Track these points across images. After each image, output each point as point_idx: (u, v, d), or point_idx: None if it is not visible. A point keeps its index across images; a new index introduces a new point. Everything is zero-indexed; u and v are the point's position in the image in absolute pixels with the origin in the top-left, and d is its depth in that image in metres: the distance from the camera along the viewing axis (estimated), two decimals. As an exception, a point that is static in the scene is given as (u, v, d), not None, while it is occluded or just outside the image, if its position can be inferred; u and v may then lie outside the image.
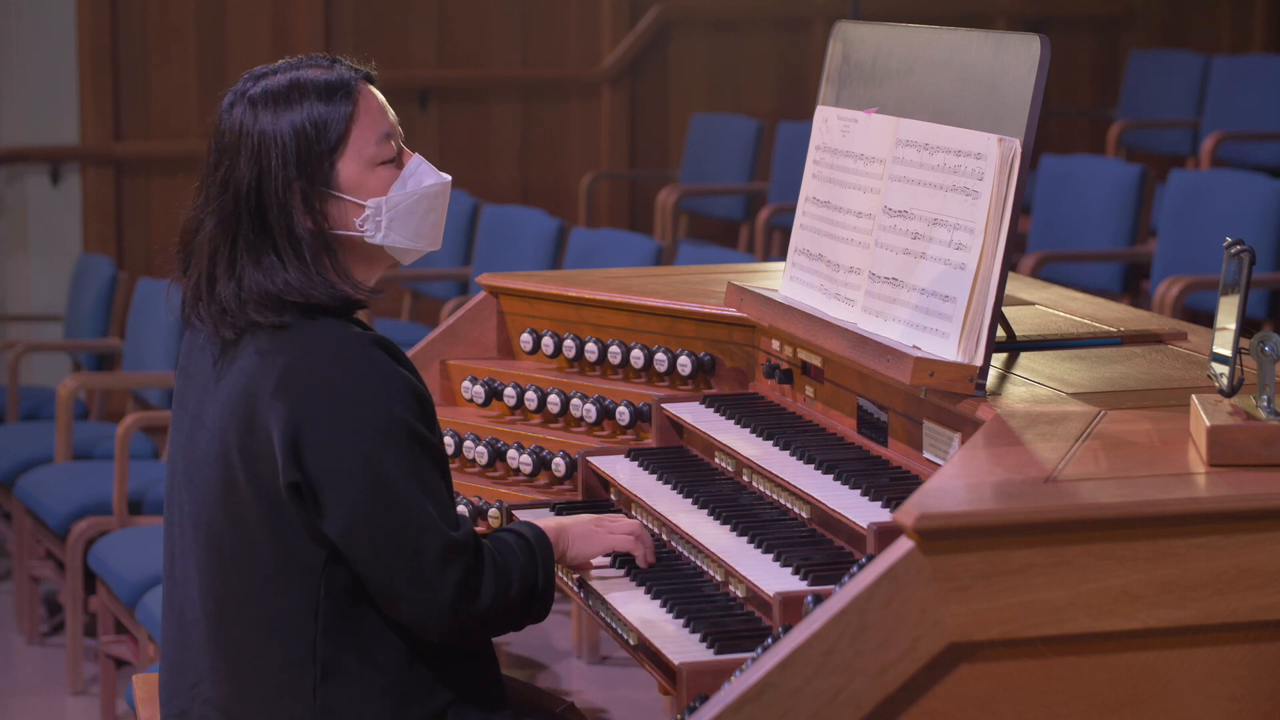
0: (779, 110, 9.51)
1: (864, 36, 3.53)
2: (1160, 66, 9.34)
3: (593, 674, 5.85)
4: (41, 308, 8.57)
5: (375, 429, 2.87)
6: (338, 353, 2.91)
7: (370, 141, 3.01)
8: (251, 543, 2.94)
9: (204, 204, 3.01)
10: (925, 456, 3.15)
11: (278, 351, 2.92)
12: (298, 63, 3.05)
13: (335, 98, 3.00)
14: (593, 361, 3.96)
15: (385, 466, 2.87)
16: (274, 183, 2.95)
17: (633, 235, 6.71)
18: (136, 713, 3.47)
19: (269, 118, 2.97)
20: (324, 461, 2.86)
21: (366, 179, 3.01)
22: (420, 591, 2.89)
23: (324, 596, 2.92)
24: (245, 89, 3.02)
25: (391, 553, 2.88)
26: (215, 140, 3.01)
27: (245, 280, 2.95)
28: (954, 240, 3.11)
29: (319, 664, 2.93)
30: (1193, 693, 2.57)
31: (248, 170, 2.96)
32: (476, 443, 3.89)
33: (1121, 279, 7.11)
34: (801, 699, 2.47)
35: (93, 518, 5.80)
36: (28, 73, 8.60)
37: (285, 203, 2.95)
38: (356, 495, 2.86)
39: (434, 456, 2.93)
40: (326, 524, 2.89)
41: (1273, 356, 2.71)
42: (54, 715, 5.81)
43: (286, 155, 2.95)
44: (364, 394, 2.88)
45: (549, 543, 3.07)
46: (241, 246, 2.96)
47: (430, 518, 2.88)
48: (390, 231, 3.02)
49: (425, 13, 9.16)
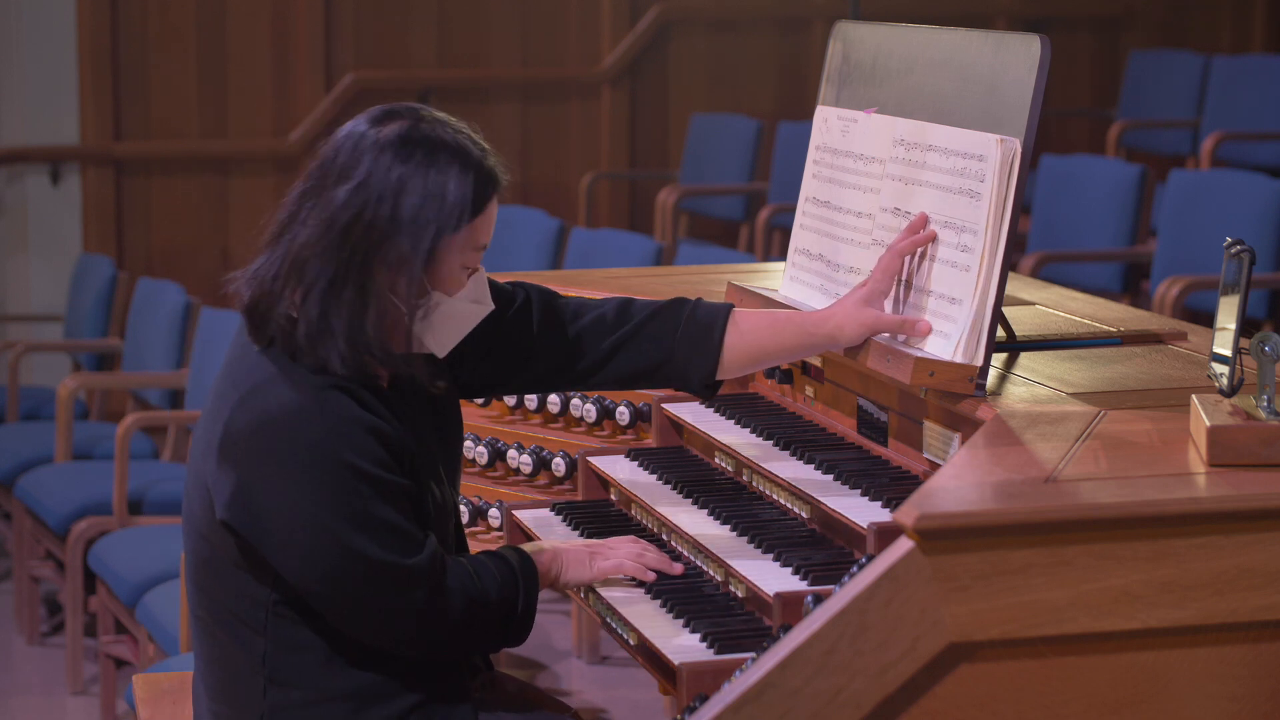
0: (779, 110, 9.51)
1: (864, 36, 3.53)
2: (1160, 66, 9.34)
3: (593, 674, 5.85)
4: (41, 308, 8.57)
5: (321, 473, 2.82)
6: (288, 391, 2.85)
7: (473, 246, 2.93)
8: (212, 545, 2.94)
9: (296, 213, 2.89)
10: (925, 456, 3.15)
11: (237, 388, 2.88)
12: (459, 126, 2.95)
13: (487, 184, 2.93)
14: (593, 361, 3.96)
15: (332, 511, 2.81)
16: (389, 228, 2.84)
17: (633, 235, 6.71)
18: (136, 713, 3.47)
19: (420, 164, 2.87)
20: (270, 508, 2.83)
21: (448, 277, 2.92)
22: (382, 622, 2.89)
23: (275, 602, 2.92)
24: (404, 129, 2.89)
25: (347, 592, 2.86)
26: (341, 158, 2.88)
27: (311, 306, 2.86)
28: (959, 242, 3.11)
29: (267, 667, 2.93)
30: (1193, 693, 2.57)
31: (371, 199, 2.84)
32: (476, 443, 3.89)
33: (1121, 279, 7.11)
34: (801, 699, 2.47)
35: (93, 518, 5.80)
36: (28, 73, 8.60)
37: (372, 255, 2.85)
38: (304, 542, 2.83)
39: (388, 489, 2.86)
40: (276, 565, 2.87)
41: (1273, 356, 2.71)
42: (54, 715, 5.81)
43: (415, 207, 2.85)
44: (303, 443, 2.82)
45: (534, 569, 3.04)
46: (328, 279, 2.85)
47: (383, 552, 2.83)
48: (428, 326, 2.93)
49: (425, 13, 9.16)
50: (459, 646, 2.98)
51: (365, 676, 2.94)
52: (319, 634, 2.93)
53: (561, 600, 6.37)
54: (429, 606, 2.89)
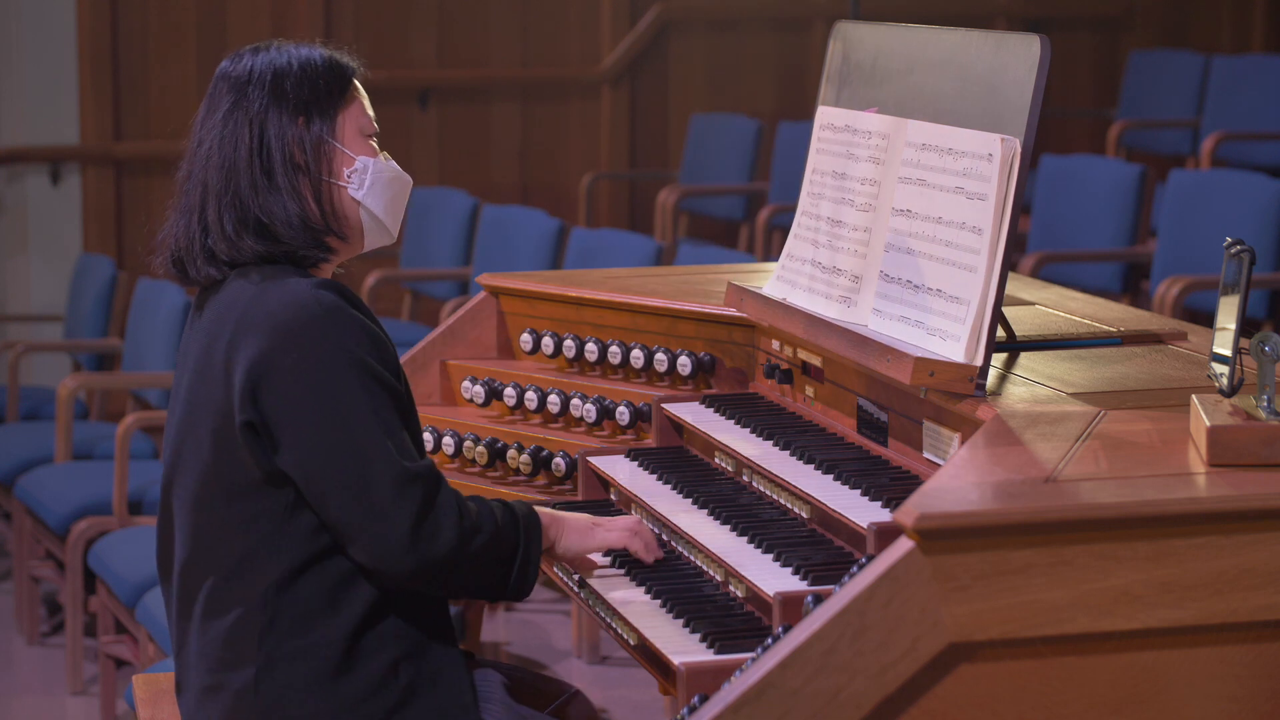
0: (779, 110, 9.51)
1: (864, 36, 3.53)
2: (1160, 66, 9.34)
3: (593, 674, 5.85)
4: (41, 308, 8.57)
5: (330, 363, 2.93)
6: (293, 296, 2.97)
7: (364, 113, 3.14)
8: (212, 497, 3.00)
9: (196, 147, 3.11)
10: (925, 456, 3.15)
11: (235, 302, 3.01)
12: (299, 44, 3.17)
13: (342, 63, 3.15)
14: (593, 361, 3.96)
15: (339, 399, 2.92)
16: (282, 113, 3.06)
17: (633, 235, 6.71)
18: (136, 713, 3.47)
19: (283, 58, 3.10)
20: (279, 397, 2.93)
21: (357, 143, 3.12)
22: (375, 522, 2.91)
23: (283, 548, 2.97)
24: (255, 49, 3.14)
25: (346, 483, 2.91)
26: (214, 87, 3.12)
27: (247, 209, 3.05)
28: (962, 242, 3.11)
29: (267, 615, 2.98)
30: (1192, 693, 2.57)
31: (257, 100, 3.07)
32: (476, 443, 3.89)
33: (1121, 279, 7.11)
34: (801, 699, 2.47)
35: (93, 518, 5.80)
36: (28, 73, 8.60)
37: (286, 137, 3.05)
38: (311, 428, 2.92)
39: (391, 393, 2.97)
40: (283, 460, 2.94)
41: (1273, 356, 2.71)
42: (54, 715, 5.81)
43: (299, 86, 3.07)
44: (317, 331, 2.94)
45: (538, 520, 3.08)
46: (243, 177, 3.05)
47: (384, 449, 2.91)
48: (370, 192, 3.11)
49: (425, 13, 9.16)
50: (451, 577, 2.98)
51: (360, 626, 2.98)
52: (320, 579, 2.97)
53: (561, 600, 6.37)
54: (422, 519, 2.92)
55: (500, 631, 6.20)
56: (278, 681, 2.98)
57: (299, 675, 2.97)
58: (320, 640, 2.98)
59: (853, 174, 3.43)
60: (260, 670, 2.98)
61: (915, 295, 3.18)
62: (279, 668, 2.98)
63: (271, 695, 2.98)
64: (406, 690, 2.99)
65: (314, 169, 3.07)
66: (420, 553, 2.93)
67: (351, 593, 2.98)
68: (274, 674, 2.98)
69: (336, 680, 2.97)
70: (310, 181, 3.07)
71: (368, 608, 2.98)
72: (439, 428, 3.96)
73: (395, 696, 2.99)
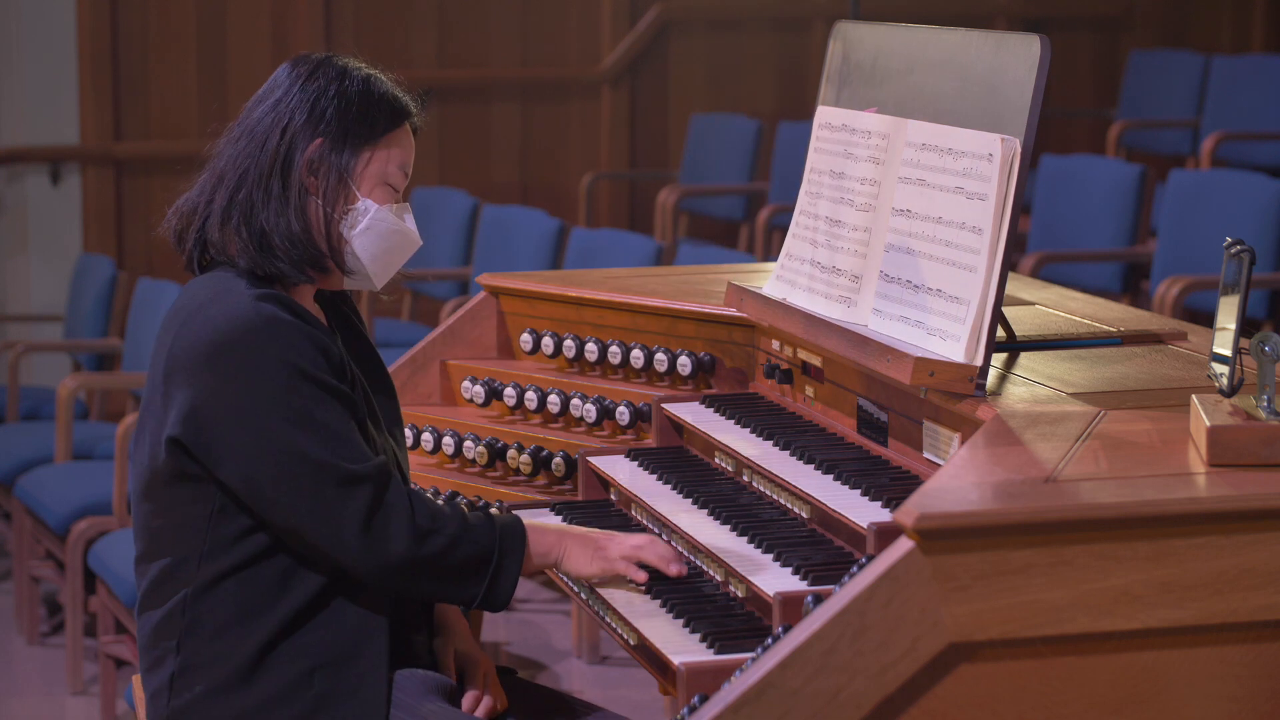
0: (779, 110, 9.51)
1: (864, 36, 3.53)
2: (1160, 66, 9.34)
3: (593, 674, 5.85)
4: (41, 308, 8.57)
5: (266, 372, 2.91)
6: (233, 308, 2.95)
7: (395, 162, 3.08)
8: (152, 497, 3.02)
9: (240, 123, 3.07)
10: (925, 456, 3.15)
11: (184, 307, 3.01)
12: (379, 71, 3.13)
13: (397, 107, 3.09)
14: (593, 361, 3.96)
15: (274, 407, 2.90)
16: (314, 130, 3.02)
17: (633, 235, 6.71)
18: (136, 713, 3.47)
19: (333, 81, 3.05)
20: (213, 412, 2.92)
21: (374, 187, 3.07)
22: (324, 526, 2.91)
23: (206, 553, 2.97)
24: (329, 60, 3.09)
25: (292, 489, 2.91)
26: (287, 71, 3.08)
27: (254, 212, 3.02)
28: (962, 242, 3.11)
29: (186, 619, 2.99)
30: (1192, 693, 2.57)
31: (288, 110, 3.03)
32: (476, 443, 3.89)
33: (1121, 279, 7.11)
34: (801, 699, 2.47)
35: (93, 518, 5.80)
36: (28, 73, 8.60)
37: (311, 152, 3.02)
38: (249, 438, 2.91)
39: (336, 395, 2.95)
40: (224, 472, 2.93)
41: (1273, 356, 2.71)
42: (54, 715, 5.81)
43: (330, 112, 3.03)
44: (254, 342, 2.92)
45: (522, 536, 3.05)
46: (259, 181, 3.02)
47: (326, 452, 2.90)
48: (361, 236, 3.06)
49: (425, 13, 9.16)
50: (415, 579, 2.96)
51: (275, 636, 2.97)
52: (239, 586, 2.97)
53: (561, 600, 6.37)
54: (371, 518, 2.91)
55: (500, 631, 6.20)
56: (191, 688, 2.98)
57: (209, 682, 2.98)
58: (231, 649, 2.97)
59: (852, 174, 3.43)
60: (176, 674, 3.00)
61: (915, 295, 3.18)
62: (193, 674, 2.99)
63: (180, 701, 2.99)
64: (318, 700, 2.97)
65: (327, 196, 3.04)
66: (375, 554, 2.91)
67: (272, 601, 2.97)
68: (188, 679, 2.99)
69: (240, 690, 2.97)
70: (319, 206, 3.04)
71: (289, 617, 2.97)
72: (439, 428, 3.96)
73: (304, 705, 2.97)
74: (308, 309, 3.05)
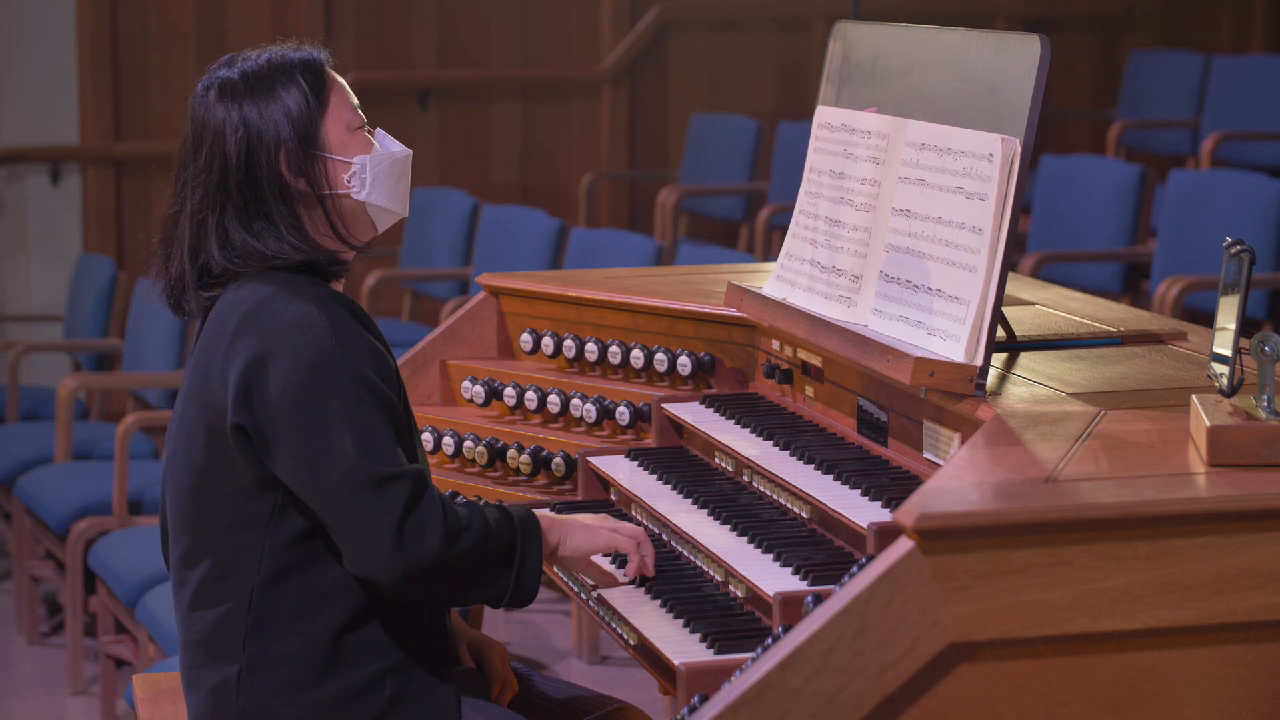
0: (779, 110, 9.51)
1: (864, 36, 3.53)
2: (1160, 66, 9.34)
3: (593, 674, 5.85)
4: (41, 308, 8.57)
5: (325, 371, 2.93)
6: (302, 310, 2.97)
7: (346, 107, 3.12)
8: (203, 494, 3.01)
9: (183, 188, 3.11)
10: (925, 456, 3.15)
11: (243, 300, 3.01)
12: (265, 48, 3.15)
13: (313, 68, 3.12)
14: (593, 361, 3.96)
15: (328, 404, 2.92)
16: (265, 148, 3.04)
17: (633, 235, 6.71)
18: (136, 713, 3.48)
19: (255, 92, 3.07)
20: (271, 402, 2.93)
21: (348, 142, 3.11)
22: (360, 522, 2.90)
23: (267, 551, 2.97)
24: (222, 74, 3.10)
25: (334, 487, 2.90)
26: (194, 127, 3.10)
27: (235, 243, 3.04)
28: (962, 242, 3.11)
29: (251, 616, 2.98)
30: (1192, 693, 2.57)
31: (235, 142, 3.04)
32: (476, 443, 3.89)
33: (1121, 279, 7.11)
34: (801, 699, 2.47)
35: (93, 518, 5.80)
36: (28, 73, 8.60)
37: (275, 166, 3.04)
38: (300, 433, 2.92)
39: (387, 405, 2.96)
40: (276, 465, 2.94)
41: (1273, 356, 2.71)
42: (54, 715, 5.81)
43: (278, 120, 3.05)
44: (319, 343, 2.94)
45: (537, 523, 3.06)
46: (230, 215, 3.05)
47: (367, 452, 2.91)
48: (373, 189, 3.11)
49: (425, 13, 9.16)
50: (444, 581, 2.96)
51: (342, 633, 2.98)
52: (304, 585, 2.97)
53: (561, 600, 6.37)
54: (405, 519, 2.91)
55: (500, 631, 6.20)
56: (259, 686, 2.97)
57: (280, 680, 2.97)
58: (302, 646, 2.97)
59: (851, 173, 3.43)
60: (243, 671, 2.98)
61: (915, 295, 3.18)
62: (261, 671, 2.98)
63: (252, 699, 2.98)
64: (392, 700, 2.98)
65: (316, 188, 3.07)
66: (407, 554, 2.91)
67: (338, 599, 2.97)
68: (256, 677, 2.98)
69: (316, 686, 2.97)
70: (313, 202, 3.06)
71: (353, 615, 2.98)
72: (439, 428, 3.96)
73: (380, 706, 2.98)
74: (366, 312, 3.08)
